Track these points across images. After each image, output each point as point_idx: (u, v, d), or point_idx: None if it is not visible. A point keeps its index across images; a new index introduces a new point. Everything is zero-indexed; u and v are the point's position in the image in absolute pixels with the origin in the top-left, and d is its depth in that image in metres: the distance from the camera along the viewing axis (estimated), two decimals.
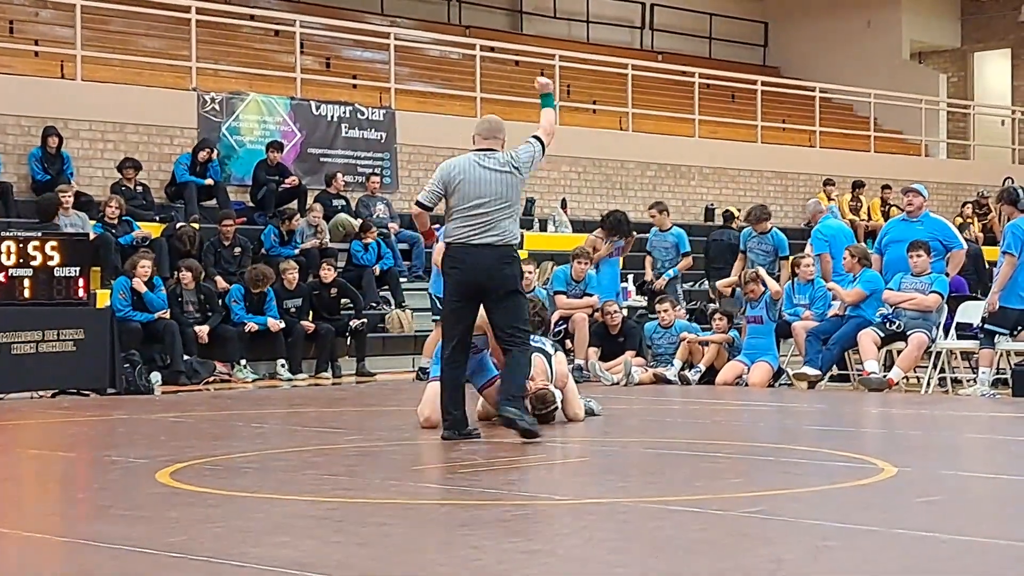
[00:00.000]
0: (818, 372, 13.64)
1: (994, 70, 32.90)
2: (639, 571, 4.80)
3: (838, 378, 14.36)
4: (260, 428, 10.30)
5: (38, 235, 13.36)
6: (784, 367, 14.28)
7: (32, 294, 12.88)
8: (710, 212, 24.40)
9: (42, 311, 12.87)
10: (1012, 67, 32.41)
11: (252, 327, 15.27)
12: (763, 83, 26.26)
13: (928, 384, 13.50)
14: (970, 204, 25.74)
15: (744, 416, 11.55)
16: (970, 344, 13.48)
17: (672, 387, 14.09)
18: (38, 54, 18.66)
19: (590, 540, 5.43)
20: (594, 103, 24.57)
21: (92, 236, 15.01)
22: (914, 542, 5.32)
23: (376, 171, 20.01)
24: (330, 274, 16.35)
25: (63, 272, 13.05)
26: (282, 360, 15.53)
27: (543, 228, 21.18)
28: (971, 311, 13.63)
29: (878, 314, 13.44)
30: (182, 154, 18.14)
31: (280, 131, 19.45)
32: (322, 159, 19.90)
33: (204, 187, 17.99)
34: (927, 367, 13.58)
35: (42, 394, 12.96)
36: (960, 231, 21.00)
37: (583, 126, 23.09)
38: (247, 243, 16.89)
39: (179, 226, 16.39)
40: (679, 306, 15.87)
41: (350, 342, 16.12)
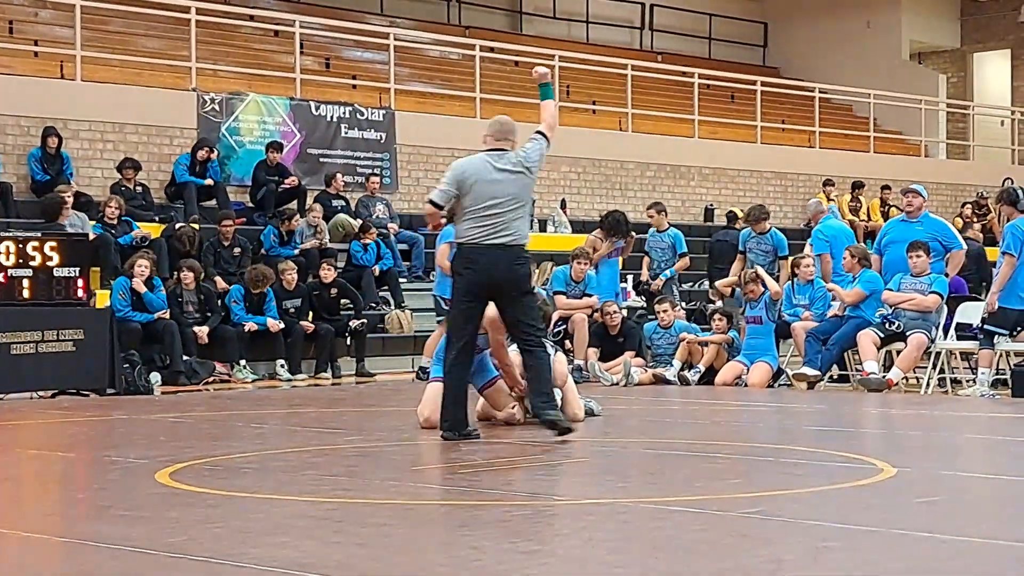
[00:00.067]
0: (817, 372, 13.65)
1: (994, 70, 32.91)
2: (639, 571, 4.80)
3: (838, 378, 14.37)
4: (259, 428, 10.30)
5: (38, 235, 13.35)
6: (784, 367, 14.28)
7: (32, 294, 12.88)
8: (709, 212, 24.40)
9: (41, 311, 12.86)
10: (1012, 67, 32.42)
11: (251, 327, 15.28)
12: (763, 83, 26.26)
13: (927, 385, 13.51)
14: (969, 205, 25.71)
15: (744, 416, 11.55)
16: (970, 344, 13.48)
17: (671, 387, 14.09)
18: (38, 54, 18.66)
19: (590, 540, 5.43)
20: (593, 103, 24.57)
21: (92, 236, 15.01)
22: (914, 542, 5.32)
23: (376, 171, 20.00)
24: (330, 274, 16.35)
25: (62, 272, 13.05)
26: (281, 360, 15.53)
27: (543, 228, 21.16)
28: (970, 311, 13.64)
29: (878, 314, 13.44)
30: (181, 154, 18.14)
31: (280, 131, 19.45)
32: (322, 159, 19.90)
33: (204, 187, 17.98)
34: (927, 367, 13.58)
35: (42, 394, 12.96)
36: (962, 231, 21.02)
37: (582, 126, 23.07)
38: (247, 243, 16.89)
39: (178, 226, 16.39)
40: (677, 306, 15.87)
41: (350, 342, 16.11)
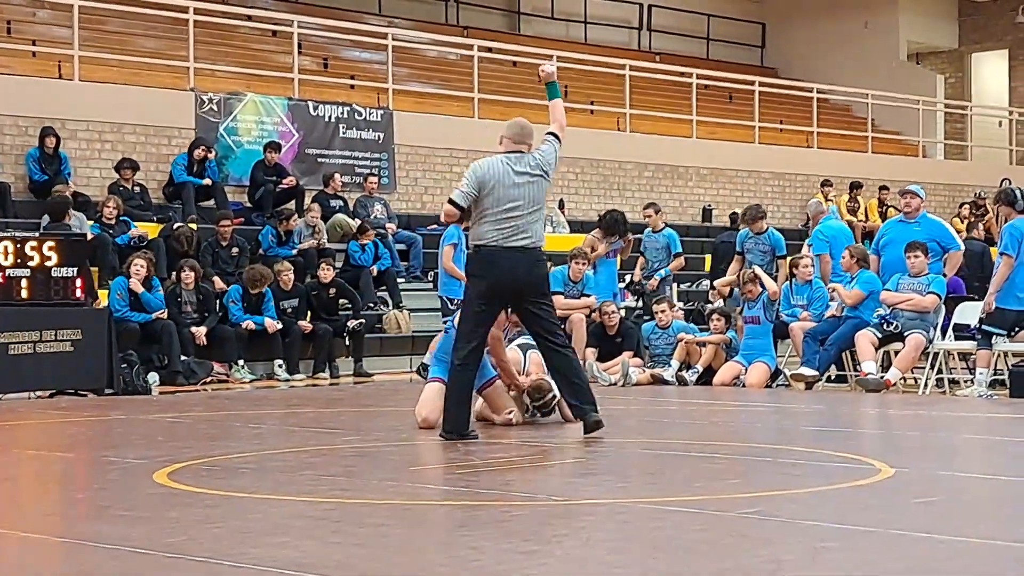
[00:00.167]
0: (816, 373, 13.65)
1: (992, 71, 32.93)
2: (639, 571, 4.81)
3: (836, 379, 14.37)
4: (258, 428, 10.30)
5: (35, 235, 13.35)
6: (782, 368, 14.28)
7: (30, 294, 12.87)
8: (707, 213, 24.40)
9: (40, 311, 12.86)
10: (1009, 68, 32.44)
11: (249, 325, 15.27)
12: (761, 84, 26.27)
13: (926, 385, 13.51)
14: (967, 205, 25.73)
15: (742, 417, 11.55)
16: (967, 345, 13.48)
17: (670, 388, 14.09)
18: (36, 54, 18.66)
19: (589, 540, 5.43)
20: (592, 104, 24.57)
21: (90, 236, 15.01)
22: (912, 543, 5.32)
23: (374, 171, 20.00)
24: (329, 274, 16.35)
25: (60, 272, 13.05)
26: (280, 360, 15.53)
27: None
28: (968, 312, 13.65)
29: (876, 315, 13.45)
30: (179, 154, 18.14)
31: (278, 131, 19.45)
32: (320, 159, 19.90)
33: (202, 187, 17.98)
34: (924, 368, 13.59)
35: (40, 394, 12.96)
36: (968, 231, 20.98)
37: (581, 127, 23.01)
38: (245, 243, 16.88)
39: (176, 226, 16.38)
40: (675, 307, 15.87)
41: (348, 343, 16.12)
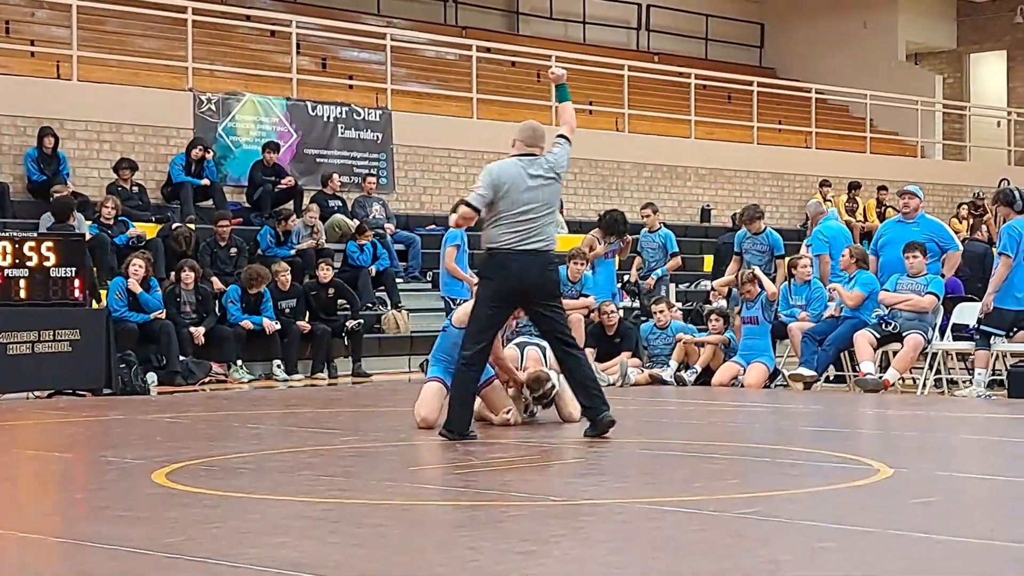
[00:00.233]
0: (814, 373, 13.65)
1: (990, 71, 32.94)
2: (638, 571, 4.81)
3: (834, 379, 14.37)
4: (256, 429, 10.30)
5: (34, 235, 13.35)
6: (780, 368, 14.28)
7: (28, 294, 12.87)
8: (706, 213, 24.40)
9: (38, 311, 12.86)
10: (1008, 68, 32.46)
11: (247, 325, 15.27)
12: (759, 84, 26.27)
13: (924, 385, 13.51)
14: (966, 205, 25.74)
15: (740, 417, 11.55)
16: (966, 345, 13.49)
17: (668, 388, 14.10)
18: (34, 54, 18.66)
19: (588, 541, 5.43)
20: (590, 104, 24.56)
21: (88, 237, 15.00)
22: (910, 543, 5.32)
23: (372, 172, 20.00)
24: (327, 274, 16.34)
25: (59, 273, 13.05)
26: (278, 361, 15.53)
27: None
28: (967, 312, 13.65)
29: (874, 315, 13.45)
30: (177, 154, 18.13)
31: (276, 132, 19.45)
32: (318, 160, 19.90)
33: (200, 188, 17.97)
34: (923, 368, 13.60)
35: (38, 394, 12.95)
36: (971, 232, 20.97)
37: (579, 127, 22.69)
38: (243, 244, 16.88)
39: (175, 227, 16.38)
40: (673, 307, 15.86)
41: (346, 343, 16.12)
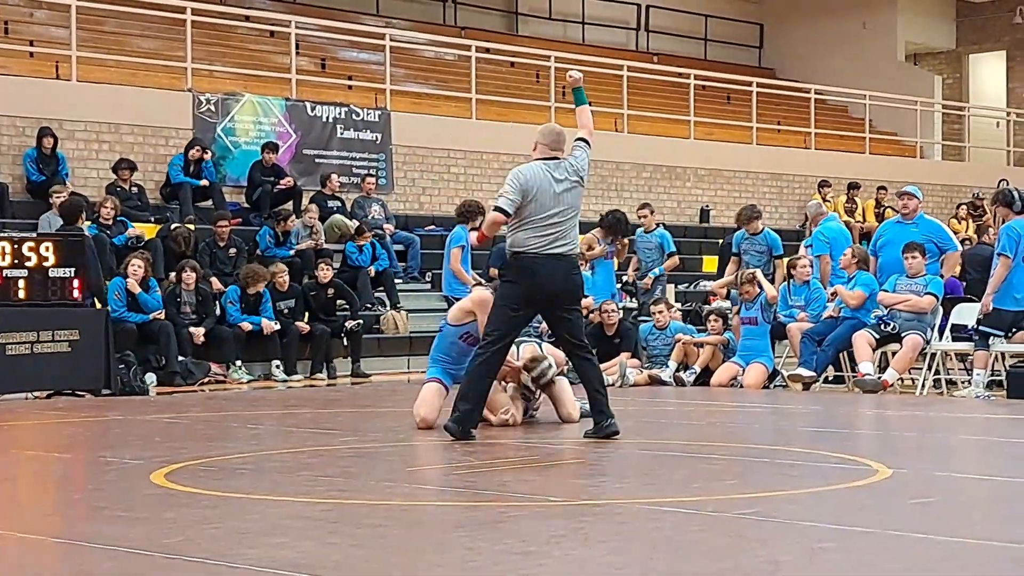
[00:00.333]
0: (813, 374, 13.65)
1: (989, 72, 32.94)
2: (637, 572, 4.81)
3: (833, 380, 14.37)
4: (255, 429, 10.30)
5: (33, 236, 13.34)
6: (779, 368, 14.29)
7: (27, 295, 12.87)
8: (705, 213, 24.39)
9: (37, 312, 12.85)
10: (1007, 69, 32.46)
11: (246, 326, 15.27)
12: (758, 84, 26.27)
13: (923, 386, 13.52)
14: (965, 206, 25.75)
15: (739, 417, 11.55)
16: (965, 346, 13.49)
17: (667, 388, 14.10)
18: (33, 55, 18.65)
19: (587, 541, 5.43)
20: (589, 104, 24.51)
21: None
22: (909, 544, 5.32)
23: (371, 172, 20.00)
24: (327, 275, 16.34)
25: (58, 273, 13.04)
26: (277, 361, 15.53)
27: None
28: (966, 313, 13.65)
29: (873, 316, 13.46)
30: (176, 155, 18.13)
31: (275, 132, 19.45)
32: (317, 160, 19.89)
33: (199, 188, 17.97)
34: (922, 369, 13.60)
35: (37, 395, 12.95)
36: (978, 235, 20.96)
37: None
38: (242, 244, 16.88)
39: (174, 227, 16.38)
40: (672, 307, 15.86)
41: (345, 343, 16.12)
